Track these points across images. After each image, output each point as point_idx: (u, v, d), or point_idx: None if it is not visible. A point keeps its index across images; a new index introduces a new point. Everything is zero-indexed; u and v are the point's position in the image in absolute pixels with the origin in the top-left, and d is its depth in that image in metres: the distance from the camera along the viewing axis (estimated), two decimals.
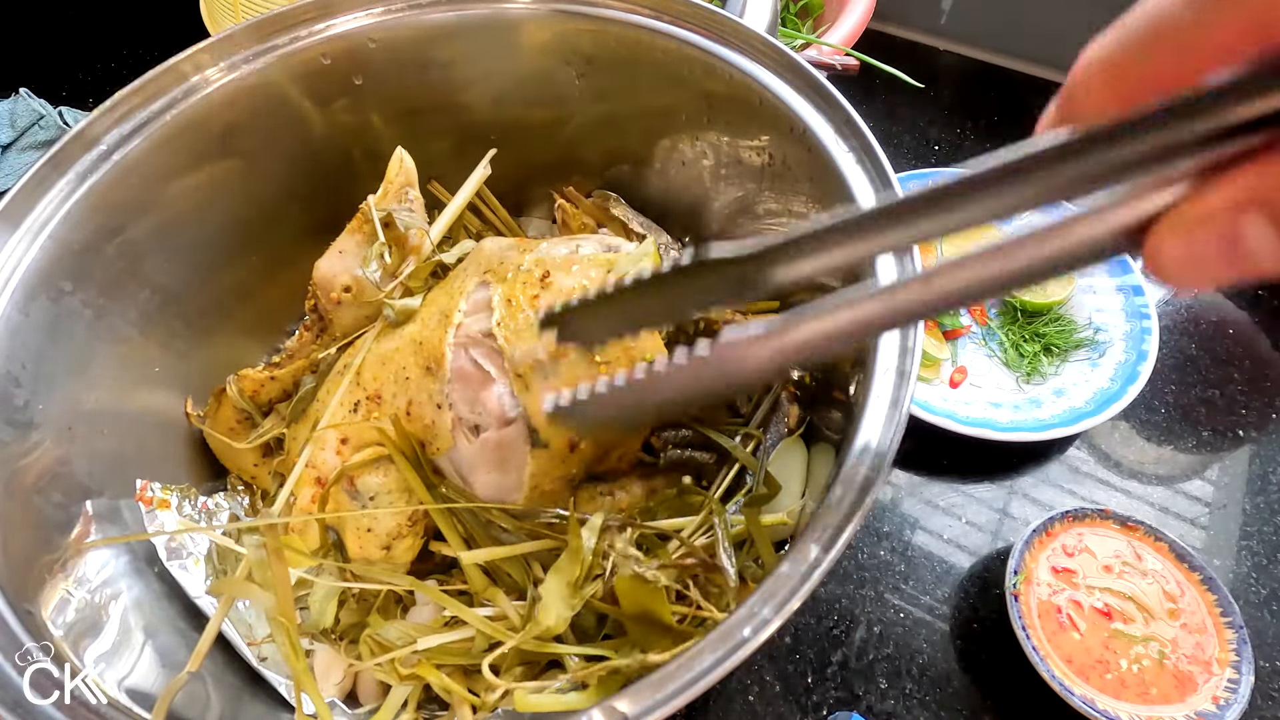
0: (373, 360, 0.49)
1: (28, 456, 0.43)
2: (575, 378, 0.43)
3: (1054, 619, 0.53)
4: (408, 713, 0.45)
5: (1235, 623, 0.51)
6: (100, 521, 0.45)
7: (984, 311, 0.73)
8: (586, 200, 0.63)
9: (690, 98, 0.53)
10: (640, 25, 0.52)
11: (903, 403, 0.35)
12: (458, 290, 0.48)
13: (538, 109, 0.59)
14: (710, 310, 0.25)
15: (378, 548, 0.47)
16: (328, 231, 0.53)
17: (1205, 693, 0.50)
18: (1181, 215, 0.18)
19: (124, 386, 0.51)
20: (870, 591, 0.59)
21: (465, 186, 0.58)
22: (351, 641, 0.48)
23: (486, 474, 0.46)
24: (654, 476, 0.51)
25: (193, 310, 0.55)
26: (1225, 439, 0.66)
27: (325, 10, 0.53)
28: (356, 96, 0.56)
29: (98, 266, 0.48)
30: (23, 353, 0.44)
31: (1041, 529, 0.55)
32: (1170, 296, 0.75)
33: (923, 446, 0.63)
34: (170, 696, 0.38)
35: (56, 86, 0.91)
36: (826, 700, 0.54)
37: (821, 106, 0.45)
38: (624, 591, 0.41)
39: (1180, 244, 0.18)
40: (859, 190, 0.42)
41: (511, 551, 0.45)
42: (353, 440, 0.48)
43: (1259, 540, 0.61)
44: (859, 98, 0.45)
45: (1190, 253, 0.18)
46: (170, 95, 0.49)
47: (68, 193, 0.46)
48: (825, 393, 0.52)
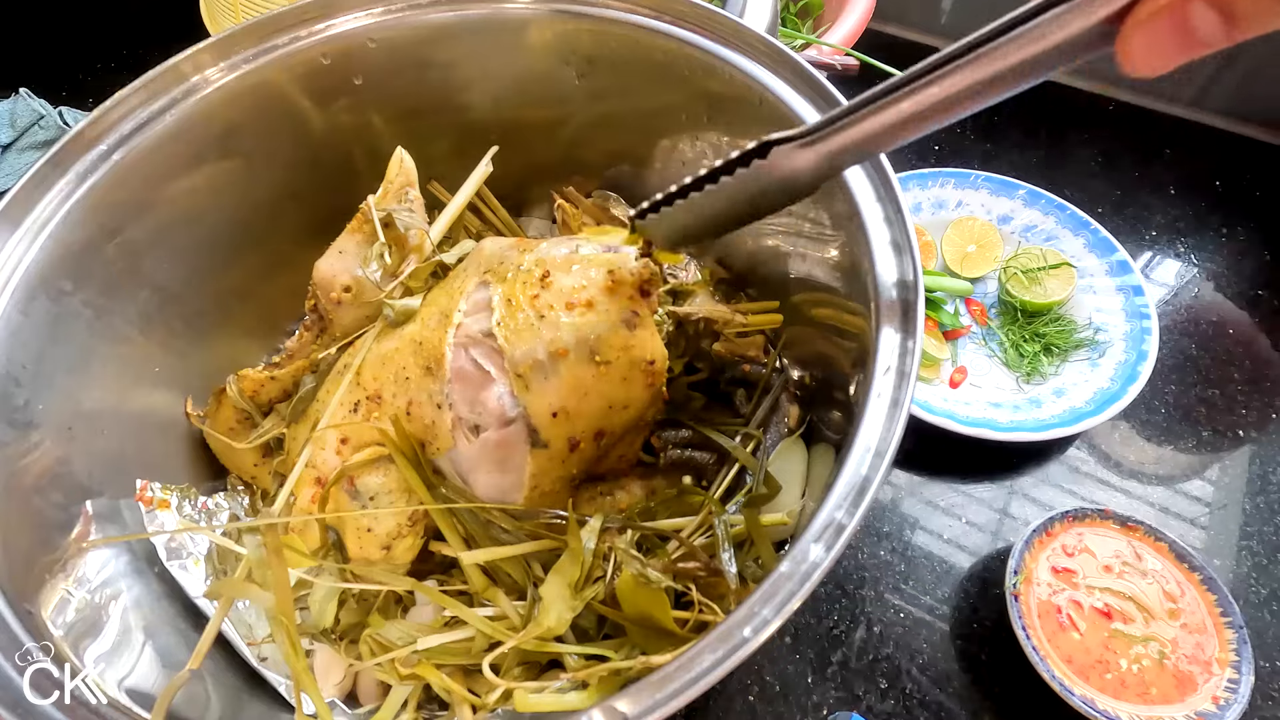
0: (373, 360, 0.49)
1: (28, 456, 0.43)
2: (576, 379, 0.43)
3: (1054, 619, 0.53)
4: (408, 713, 0.45)
5: (1235, 623, 0.51)
6: (100, 521, 0.45)
7: (984, 311, 0.73)
8: (586, 200, 0.63)
9: (690, 98, 0.53)
10: (640, 25, 0.52)
11: (903, 403, 0.35)
12: (458, 290, 0.48)
13: (538, 109, 0.59)
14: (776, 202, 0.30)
15: (378, 548, 0.47)
16: (328, 231, 0.53)
17: (1205, 693, 0.50)
18: (1141, 10, 0.21)
19: (124, 386, 0.51)
20: (870, 591, 0.59)
21: (465, 186, 0.58)
22: (351, 641, 0.48)
23: (486, 474, 0.46)
24: (654, 476, 0.51)
25: (193, 310, 0.56)
26: (1225, 439, 0.66)
27: (325, 10, 0.53)
28: (356, 96, 0.56)
29: (98, 266, 0.48)
30: (23, 353, 0.44)
31: (1041, 529, 0.55)
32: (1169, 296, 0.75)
33: (923, 446, 0.63)
34: (170, 696, 0.38)
35: (56, 86, 0.91)
36: (826, 700, 0.54)
37: (822, 106, 0.45)
38: (625, 594, 0.41)
39: (1143, 34, 0.21)
40: (859, 190, 0.42)
41: (511, 552, 0.45)
42: (353, 440, 0.48)
43: (1259, 540, 0.61)
44: None
45: (1152, 40, 0.21)
46: (170, 95, 0.50)
47: (68, 193, 0.46)
48: (825, 393, 0.52)
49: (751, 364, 0.57)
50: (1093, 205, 0.76)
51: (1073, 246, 0.72)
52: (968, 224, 0.75)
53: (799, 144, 0.29)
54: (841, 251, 0.46)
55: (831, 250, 0.47)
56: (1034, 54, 0.24)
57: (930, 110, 0.26)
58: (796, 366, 0.57)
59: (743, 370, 0.56)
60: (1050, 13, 0.23)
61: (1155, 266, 0.78)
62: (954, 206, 0.76)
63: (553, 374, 0.43)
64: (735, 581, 0.42)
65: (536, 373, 0.43)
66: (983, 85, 0.25)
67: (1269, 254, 0.77)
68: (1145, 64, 0.22)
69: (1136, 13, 0.21)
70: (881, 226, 0.41)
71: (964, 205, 0.76)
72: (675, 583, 0.43)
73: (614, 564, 0.43)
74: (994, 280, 0.74)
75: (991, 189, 0.76)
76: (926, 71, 0.26)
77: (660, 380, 0.46)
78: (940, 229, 0.76)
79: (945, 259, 0.75)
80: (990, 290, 0.74)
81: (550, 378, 0.43)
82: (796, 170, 0.29)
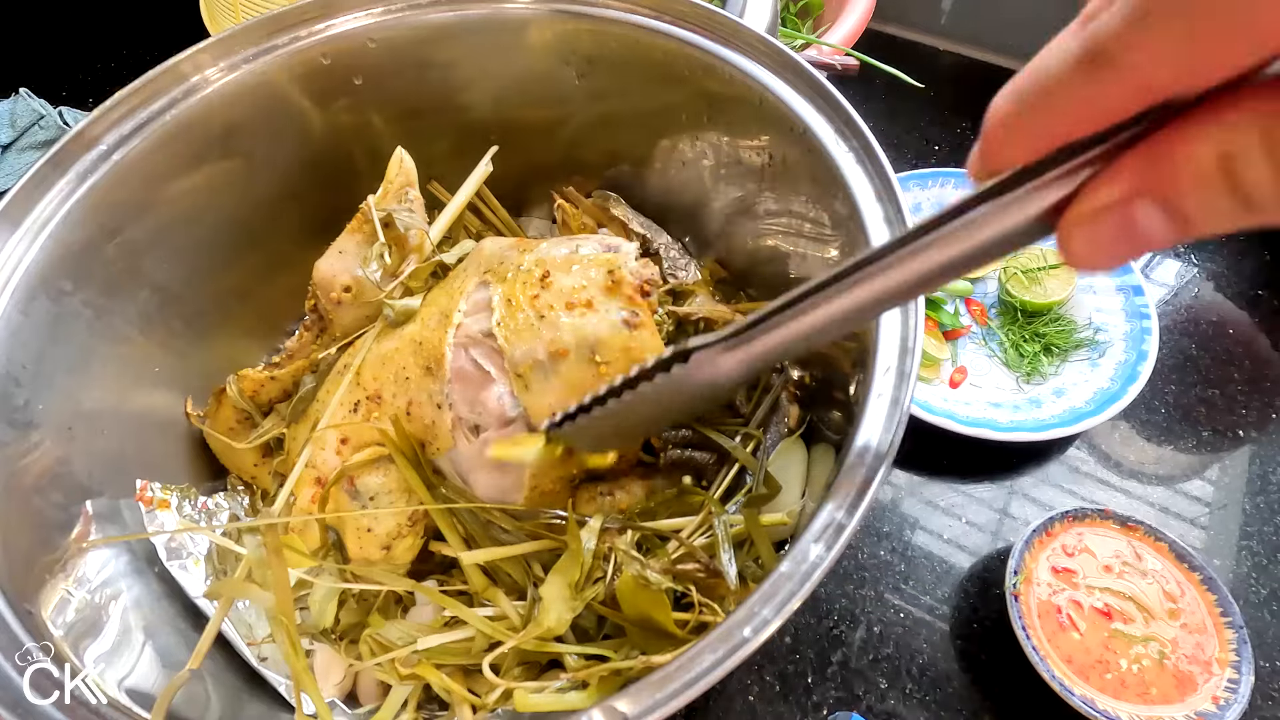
0: (373, 360, 0.49)
1: (28, 456, 0.43)
2: (575, 379, 0.43)
3: (1054, 619, 0.53)
4: (408, 713, 0.45)
5: (1235, 623, 0.51)
6: (100, 521, 0.45)
7: (984, 311, 0.73)
8: (586, 200, 0.63)
9: (690, 98, 0.53)
10: (640, 25, 0.52)
11: (903, 403, 0.35)
12: (458, 290, 0.48)
13: (538, 109, 0.59)
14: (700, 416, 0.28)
15: (378, 548, 0.47)
16: (328, 231, 0.53)
17: (1205, 693, 0.50)
18: (1081, 208, 0.19)
19: (124, 386, 0.51)
20: (870, 591, 0.59)
21: (465, 186, 0.58)
22: (351, 641, 0.48)
23: (486, 474, 0.46)
24: (654, 476, 0.51)
25: (193, 310, 0.55)
26: (1225, 439, 0.66)
27: (325, 10, 0.53)
28: (356, 96, 0.56)
29: (98, 266, 0.48)
30: (23, 353, 0.44)
31: (1041, 529, 0.55)
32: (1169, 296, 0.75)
33: (923, 446, 0.63)
34: (170, 696, 0.38)
35: (56, 86, 0.91)
36: (826, 700, 0.54)
37: (822, 107, 0.45)
38: (625, 596, 0.41)
39: (1084, 234, 0.19)
40: (859, 190, 0.42)
41: (511, 552, 0.45)
42: (353, 440, 0.48)
43: (1259, 540, 0.61)
44: (859, 98, 0.45)
45: (1094, 240, 0.19)
46: (170, 95, 0.50)
47: (68, 193, 0.46)
48: (825, 393, 0.52)
49: None
50: None
51: None
52: None
53: (721, 348, 0.27)
54: (841, 251, 0.46)
55: (831, 250, 0.47)
56: (966, 250, 0.22)
57: (859, 309, 0.25)
58: (796, 366, 0.57)
59: None
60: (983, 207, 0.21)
61: (1155, 266, 0.78)
62: None
63: (553, 374, 0.43)
64: (735, 582, 0.42)
65: (536, 373, 0.43)
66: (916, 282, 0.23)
67: (1269, 254, 0.77)
68: (1088, 263, 0.20)
69: (1076, 209, 0.19)
70: (881, 226, 0.41)
71: None
72: (675, 584, 0.43)
73: (614, 564, 0.43)
74: (994, 280, 0.74)
75: None
76: (854, 269, 0.24)
77: None
78: None
79: None
80: (990, 290, 0.74)
81: (550, 378, 0.43)
82: (719, 374, 0.28)
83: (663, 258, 0.58)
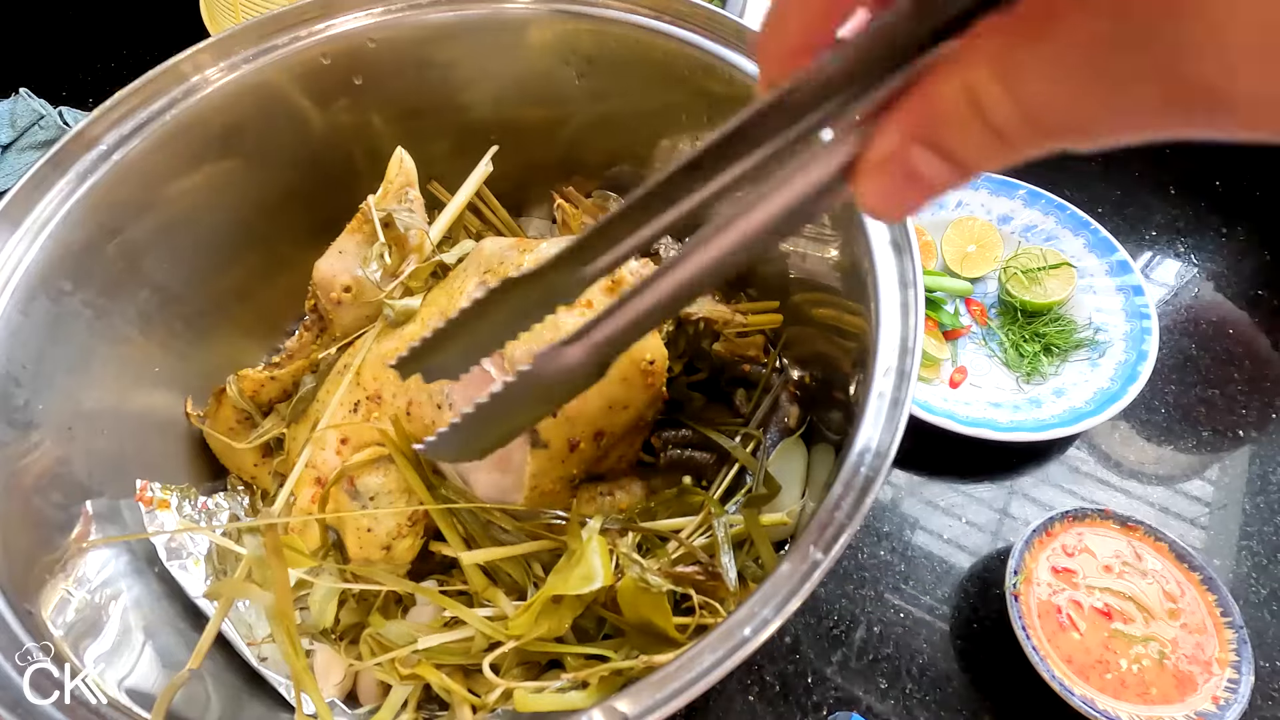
0: (373, 360, 0.49)
1: (28, 456, 0.43)
2: None
3: (1054, 619, 0.53)
4: (408, 713, 0.45)
5: (1235, 623, 0.51)
6: (100, 521, 0.45)
7: (984, 311, 0.73)
8: (586, 200, 0.63)
9: (690, 98, 0.53)
10: (640, 25, 0.52)
11: (903, 403, 0.35)
12: (458, 290, 0.48)
13: (538, 109, 0.59)
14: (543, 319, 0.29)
15: (378, 548, 0.47)
16: (328, 231, 0.53)
17: (1205, 693, 0.50)
18: (866, 162, 0.20)
19: (124, 386, 0.51)
20: (870, 591, 0.59)
21: (465, 186, 0.58)
22: (351, 641, 0.48)
23: (486, 474, 0.46)
24: (654, 476, 0.51)
25: (193, 310, 0.55)
26: (1225, 439, 0.66)
27: (325, 10, 0.53)
28: (356, 96, 0.56)
29: (98, 266, 0.48)
30: (23, 353, 0.44)
31: (1041, 529, 0.55)
32: (1169, 296, 0.75)
33: (923, 446, 0.63)
34: (170, 696, 0.38)
35: (56, 86, 0.91)
36: (826, 700, 0.54)
37: None
38: (626, 599, 0.41)
39: (874, 186, 0.20)
40: None
41: (511, 552, 0.45)
42: (353, 440, 0.48)
43: (1259, 540, 0.61)
44: None
45: (883, 190, 0.20)
46: (170, 95, 0.50)
47: (68, 193, 0.46)
48: (825, 393, 0.52)
49: (751, 364, 0.57)
50: (1093, 205, 0.76)
51: (1073, 246, 0.72)
52: (968, 224, 0.75)
53: (561, 344, 0.28)
54: (841, 251, 0.46)
55: (831, 250, 0.47)
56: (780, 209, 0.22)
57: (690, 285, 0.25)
58: (796, 366, 0.57)
59: (743, 370, 0.56)
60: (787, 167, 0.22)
61: (1155, 266, 0.78)
62: (954, 206, 0.76)
63: None
64: (735, 583, 0.42)
65: None
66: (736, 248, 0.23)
67: (1269, 254, 0.77)
68: (884, 211, 0.20)
69: (862, 163, 0.20)
70: (881, 226, 0.41)
71: (964, 205, 0.76)
72: (676, 587, 0.43)
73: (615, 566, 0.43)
74: (994, 280, 0.74)
75: (991, 189, 0.76)
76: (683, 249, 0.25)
77: (660, 380, 0.46)
78: (940, 229, 0.76)
79: (945, 259, 0.75)
80: (990, 290, 0.74)
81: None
82: (569, 365, 0.29)
83: (662, 258, 0.58)
